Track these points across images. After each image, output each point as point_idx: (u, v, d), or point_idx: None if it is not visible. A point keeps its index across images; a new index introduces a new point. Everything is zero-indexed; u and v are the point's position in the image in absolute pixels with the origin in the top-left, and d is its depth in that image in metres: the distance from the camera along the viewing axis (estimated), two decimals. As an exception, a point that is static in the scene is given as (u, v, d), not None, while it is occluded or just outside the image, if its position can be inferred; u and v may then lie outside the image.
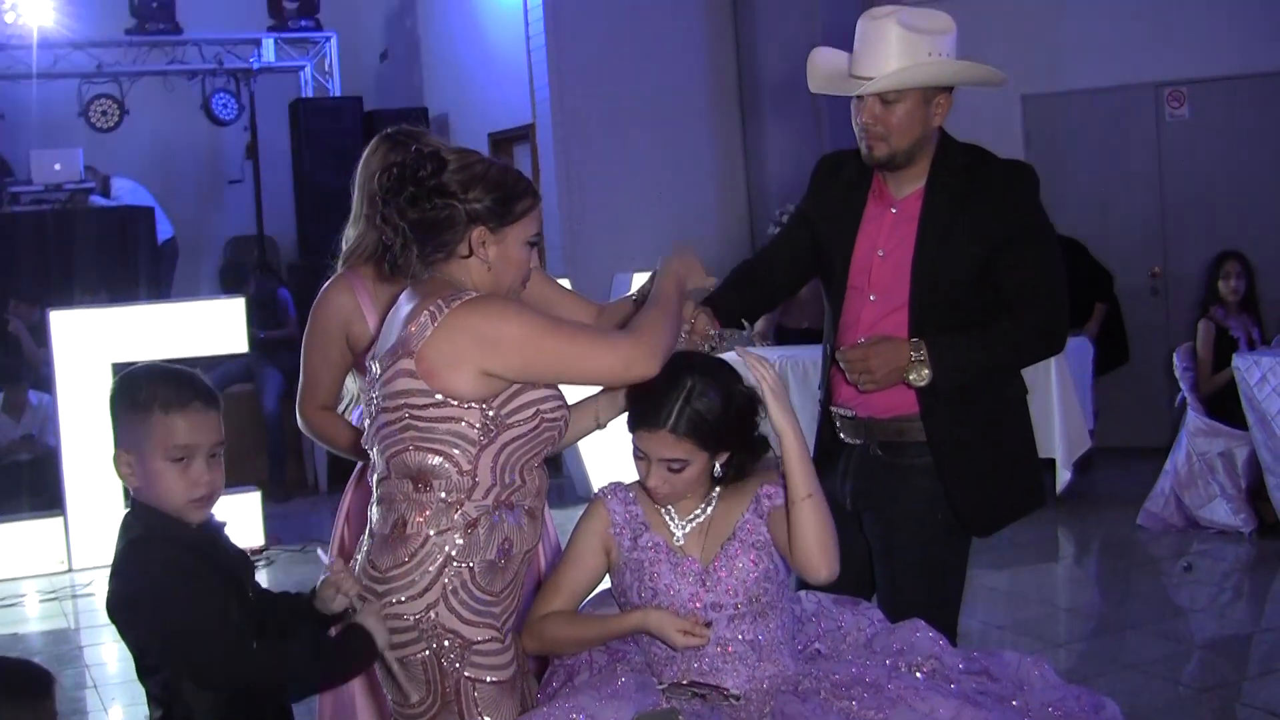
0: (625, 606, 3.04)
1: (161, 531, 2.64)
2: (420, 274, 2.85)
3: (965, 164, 3.53)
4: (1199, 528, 7.54)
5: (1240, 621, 6.39)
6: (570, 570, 3.07)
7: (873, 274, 3.54)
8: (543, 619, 3.03)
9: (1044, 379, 7.88)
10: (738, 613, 2.95)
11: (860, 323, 3.55)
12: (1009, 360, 3.53)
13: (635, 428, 2.95)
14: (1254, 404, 7.07)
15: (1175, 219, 9.66)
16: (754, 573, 2.96)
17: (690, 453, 2.92)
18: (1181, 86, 9.57)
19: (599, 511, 3.07)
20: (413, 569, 2.77)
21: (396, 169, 2.83)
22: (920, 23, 3.44)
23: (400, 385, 2.75)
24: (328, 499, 9.73)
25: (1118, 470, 8.93)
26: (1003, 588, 6.91)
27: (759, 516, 3.00)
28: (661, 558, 2.98)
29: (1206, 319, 7.88)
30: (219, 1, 13.09)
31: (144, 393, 2.65)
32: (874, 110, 3.43)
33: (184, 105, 12.98)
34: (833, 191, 3.71)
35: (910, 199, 3.54)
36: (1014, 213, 3.46)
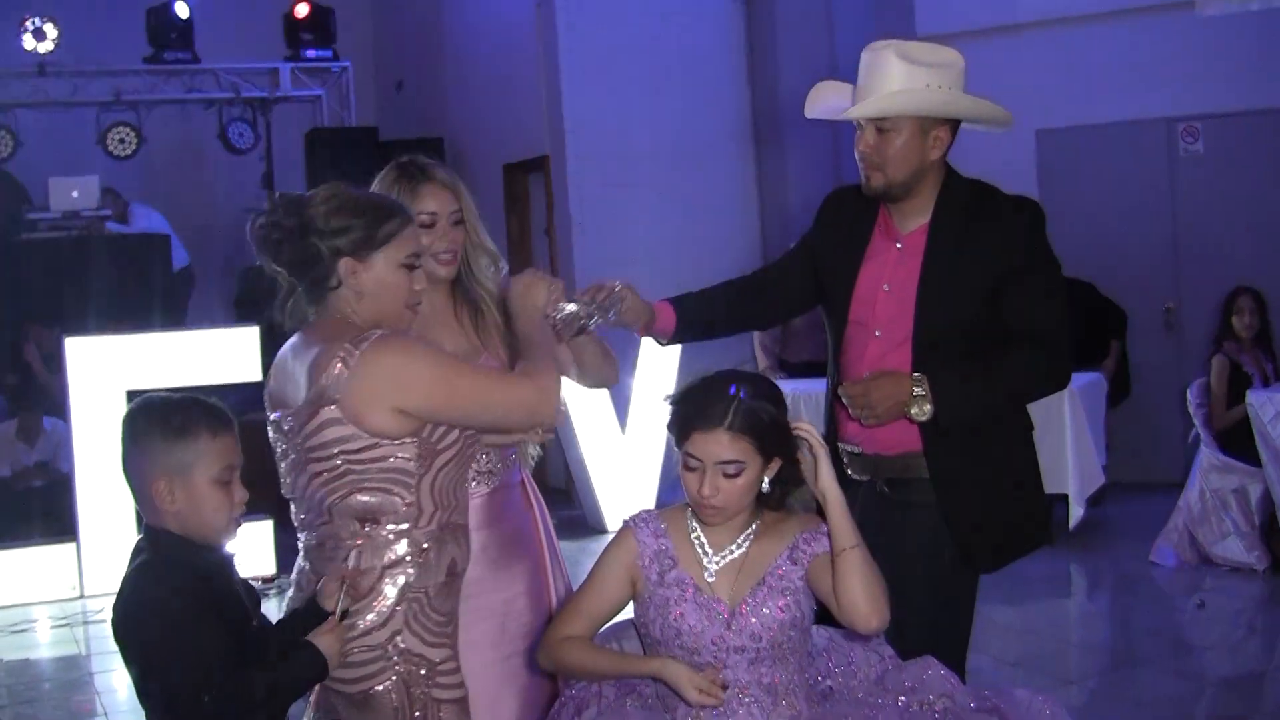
0: (646, 639, 3.04)
1: (177, 555, 2.72)
2: (308, 316, 2.91)
3: (970, 199, 3.53)
4: (1212, 564, 7.51)
5: (1253, 659, 6.37)
6: (593, 596, 3.07)
7: (877, 309, 3.53)
8: (561, 642, 3.03)
9: (1057, 415, 7.89)
10: (758, 656, 2.95)
11: (865, 359, 3.53)
12: (1012, 397, 3.51)
13: (688, 433, 2.93)
14: (1268, 440, 7.06)
15: (1189, 254, 9.66)
16: (781, 619, 2.95)
17: (746, 454, 2.91)
18: (1195, 122, 9.57)
19: (627, 541, 3.06)
20: (370, 600, 2.81)
21: (260, 218, 2.88)
22: (921, 55, 3.46)
23: (331, 434, 2.77)
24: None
25: (1131, 506, 8.90)
26: (1014, 623, 6.89)
27: (793, 563, 3.00)
28: (688, 596, 2.97)
29: (1221, 354, 7.85)
30: (236, 31, 13.16)
31: (182, 418, 2.73)
32: (870, 139, 3.44)
33: (201, 134, 13.05)
34: (838, 225, 3.71)
35: (915, 234, 3.53)
36: (1018, 248, 3.45)
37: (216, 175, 13.39)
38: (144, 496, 2.75)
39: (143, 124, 12.65)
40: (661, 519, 3.08)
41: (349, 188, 2.94)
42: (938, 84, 3.44)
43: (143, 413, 2.77)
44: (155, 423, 2.74)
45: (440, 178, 3.36)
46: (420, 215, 3.26)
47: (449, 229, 3.34)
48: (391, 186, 3.32)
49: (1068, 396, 7.91)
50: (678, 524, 3.07)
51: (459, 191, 3.39)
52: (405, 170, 3.36)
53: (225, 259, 13.25)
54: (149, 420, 2.75)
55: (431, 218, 3.30)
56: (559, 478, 10.27)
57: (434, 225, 3.31)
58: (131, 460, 2.77)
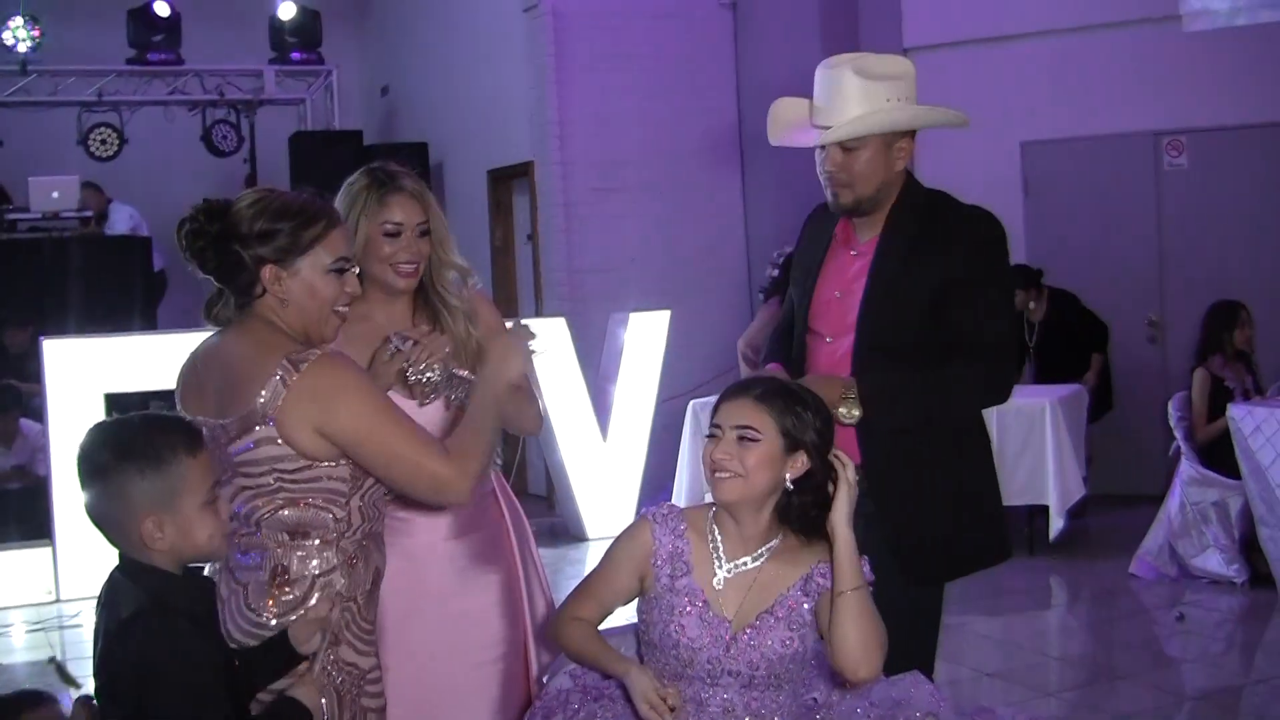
0: (643, 637, 3.04)
1: (175, 602, 2.56)
2: (234, 317, 2.89)
3: (926, 208, 3.55)
4: (1192, 577, 7.51)
5: (1232, 672, 6.37)
6: (605, 583, 3.09)
7: (830, 317, 3.57)
8: (570, 621, 3.07)
9: (1039, 427, 7.91)
10: (752, 682, 2.93)
11: (817, 365, 3.57)
12: (945, 406, 3.48)
13: (718, 406, 2.99)
14: (1248, 454, 7.06)
15: (1173, 267, 9.68)
16: (782, 651, 2.93)
17: (765, 426, 2.92)
18: (1180, 136, 9.60)
19: (643, 535, 3.04)
20: (299, 606, 2.78)
21: (185, 224, 2.84)
22: (877, 69, 3.48)
23: (265, 452, 2.73)
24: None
25: (1111, 518, 8.91)
26: (994, 635, 6.88)
27: (805, 594, 2.97)
28: (694, 609, 2.95)
29: (1203, 368, 7.85)
30: (221, 33, 13.12)
31: (154, 444, 2.57)
32: (836, 158, 3.47)
33: (184, 136, 12.99)
34: (807, 241, 3.79)
35: (871, 242, 3.56)
36: (967, 259, 3.44)
37: (199, 178, 13.29)
38: (127, 539, 2.58)
39: (125, 125, 12.60)
40: (684, 518, 3.06)
41: (277, 192, 2.89)
42: (897, 97, 3.46)
43: (108, 446, 2.57)
44: (126, 455, 2.55)
45: (409, 187, 3.33)
46: (385, 224, 3.26)
47: (414, 240, 3.30)
48: (360, 193, 3.30)
49: (1049, 408, 7.92)
50: (698, 526, 3.05)
51: (427, 203, 3.35)
52: (374, 177, 3.33)
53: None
54: (118, 453, 2.56)
55: (397, 227, 3.28)
56: (539, 485, 10.25)
57: (398, 235, 3.28)
58: (103, 502, 2.58)
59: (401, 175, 3.35)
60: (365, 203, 3.28)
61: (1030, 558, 8.02)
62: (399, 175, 3.35)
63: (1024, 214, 9.80)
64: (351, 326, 3.20)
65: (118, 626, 2.53)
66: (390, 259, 3.27)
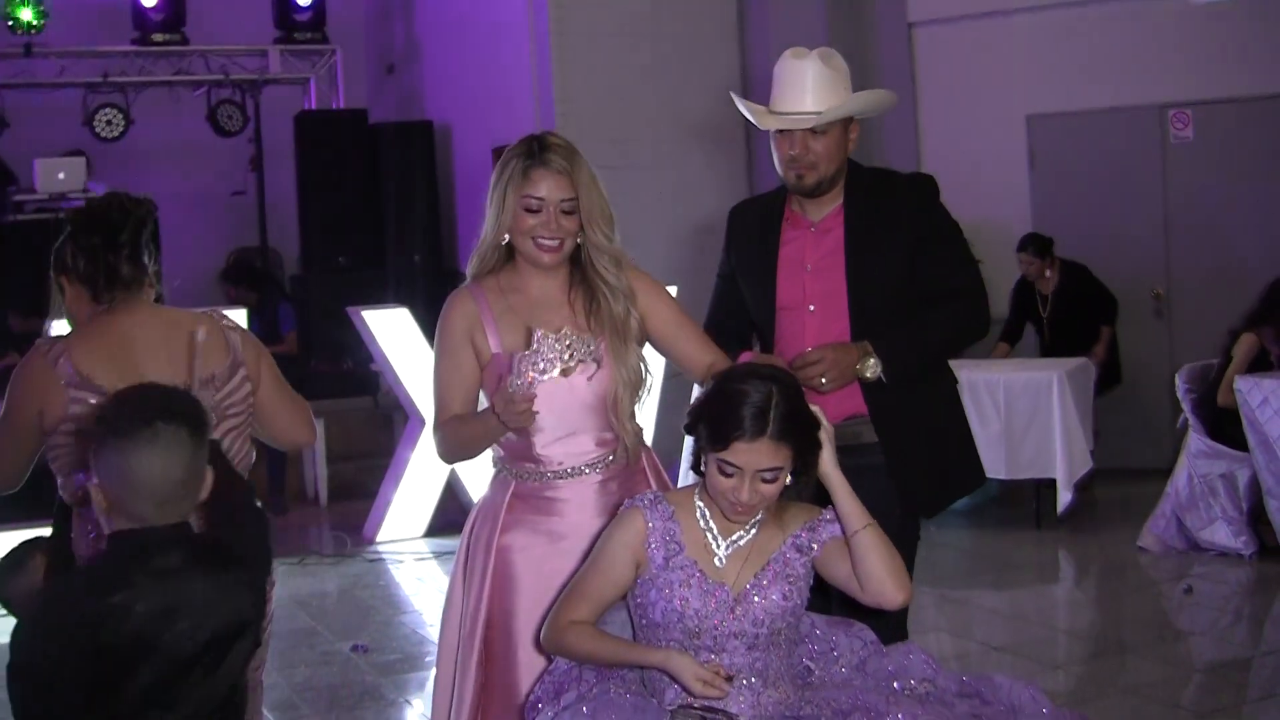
0: (641, 620, 3.04)
1: (79, 594, 2.59)
2: (122, 298, 3.27)
3: (874, 181, 3.92)
4: (1200, 550, 7.51)
5: (1240, 645, 6.38)
6: (598, 579, 3.06)
7: (806, 287, 3.83)
8: (568, 626, 3.03)
9: (1046, 401, 7.91)
10: (756, 641, 2.96)
11: (805, 335, 3.80)
12: (945, 344, 3.92)
13: (728, 443, 2.91)
14: (1256, 426, 7.06)
15: (1179, 240, 9.66)
16: (784, 606, 2.98)
17: (787, 459, 2.94)
18: (1186, 108, 9.57)
19: (635, 522, 3.05)
20: None
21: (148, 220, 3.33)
22: (834, 62, 3.80)
23: (245, 390, 3.32)
24: (326, 512, 9.74)
25: (1118, 492, 8.91)
26: (1002, 609, 6.90)
27: (798, 551, 3.04)
28: (693, 581, 2.98)
29: (1253, 333, 7.62)
30: (225, 13, 13.09)
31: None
32: (806, 142, 3.76)
33: (189, 116, 12.98)
34: (747, 232, 4.02)
35: (828, 218, 3.87)
36: (925, 218, 3.83)
37: (205, 158, 13.33)
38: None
39: (130, 106, 12.58)
40: (670, 501, 3.08)
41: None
42: (849, 85, 3.83)
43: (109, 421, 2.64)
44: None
45: (556, 164, 3.30)
46: (527, 198, 3.27)
47: (557, 216, 3.29)
48: (509, 162, 3.32)
49: (1056, 381, 7.93)
50: (686, 509, 3.07)
51: (578, 180, 3.32)
52: (527, 147, 3.33)
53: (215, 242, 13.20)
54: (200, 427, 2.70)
55: (539, 203, 3.28)
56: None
57: (539, 211, 3.28)
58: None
59: (553, 149, 3.32)
60: (512, 174, 3.29)
61: (1038, 531, 8.03)
62: (551, 149, 3.32)
63: (1030, 187, 9.78)
64: (505, 297, 3.36)
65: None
66: (531, 233, 3.29)
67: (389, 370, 8.81)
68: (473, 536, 3.46)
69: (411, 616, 7.24)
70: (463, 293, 3.42)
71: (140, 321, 3.25)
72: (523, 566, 3.35)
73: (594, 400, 3.32)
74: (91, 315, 3.25)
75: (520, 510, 3.37)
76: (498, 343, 3.32)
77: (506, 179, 3.30)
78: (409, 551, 8.46)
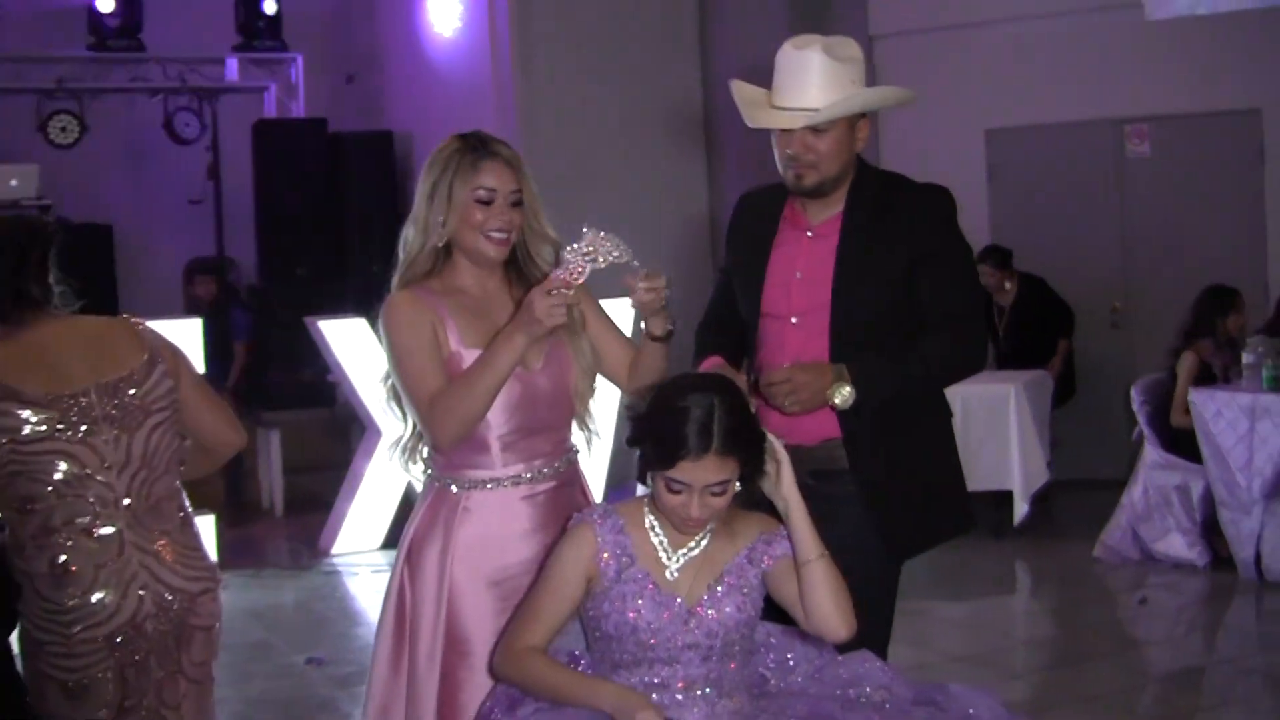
0: (594, 633, 3.00)
1: None
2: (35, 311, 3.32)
3: (882, 188, 3.59)
4: (1155, 561, 7.55)
5: (1195, 654, 6.42)
6: (551, 599, 3.00)
7: (792, 297, 3.56)
8: (523, 653, 2.97)
9: (1003, 413, 7.94)
10: (710, 653, 2.94)
11: (785, 348, 3.55)
12: (929, 379, 3.56)
13: (674, 461, 2.87)
14: (1210, 438, 7.11)
15: (1136, 254, 9.71)
16: (738, 617, 2.96)
17: (733, 470, 2.90)
18: (1143, 123, 9.63)
19: (586, 537, 3.00)
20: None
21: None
22: (842, 51, 3.48)
23: (165, 385, 3.33)
24: (283, 522, 9.68)
25: (1075, 503, 8.94)
26: (960, 619, 6.92)
27: (751, 563, 3.00)
28: (646, 593, 2.94)
29: (1191, 351, 7.74)
30: (183, 19, 13.00)
31: None
32: (806, 140, 3.47)
33: (145, 123, 12.89)
34: (746, 226, 3.77)
35: (827, 223, 3.57)
36: (930, 235, 3.52)
37: (161, 166, 13.24)
38: None
39: (85, 112, 12.48)
40: (619, 514, 3.03)
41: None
42: (858, 79, 3.50)
43: None
44: None
45: (503, 154, 3.25)
46: (478, 190, 3.20)
47: (506, 208, 3.23)
48: (453, 157, 3.24)
49: (1013, 394, 7.96)
50: (635, 521, 3.03)
51: (521, 172, 3.28)
52: (467, 142, 3.26)
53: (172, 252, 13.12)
54: None
55: (489, 194, 3.21)
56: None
57: (491, 202, 3.21)
58: None
59: (495, 141, 3.28)
60: (458, 167, 3.22)
61: (996, 542, 8.05)
62: (492, 141, 3.28)
63: (988, 201, 9.82)
64: (446, 299, 3.24)
65: None
66: (481, 226, 3.21)
67: (346, 381, 8.76)
68: (413, 560, 3.27)
69: (367, 629, 7.18)
70: (406, 293, 3.26)
71: (53, 331, 3.30)
72: (472, 596, 3.20)
73: (555, 394, 3.25)
74: (2, 332, 3.27)
75: (470, 527, 3.21)
76: (457, 339, 3.20)
77: (452, 174, 3.21)
78: (365, 563, 8.40)
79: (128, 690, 3.22)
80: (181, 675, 3.30)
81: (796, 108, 3.46)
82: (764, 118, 3.53)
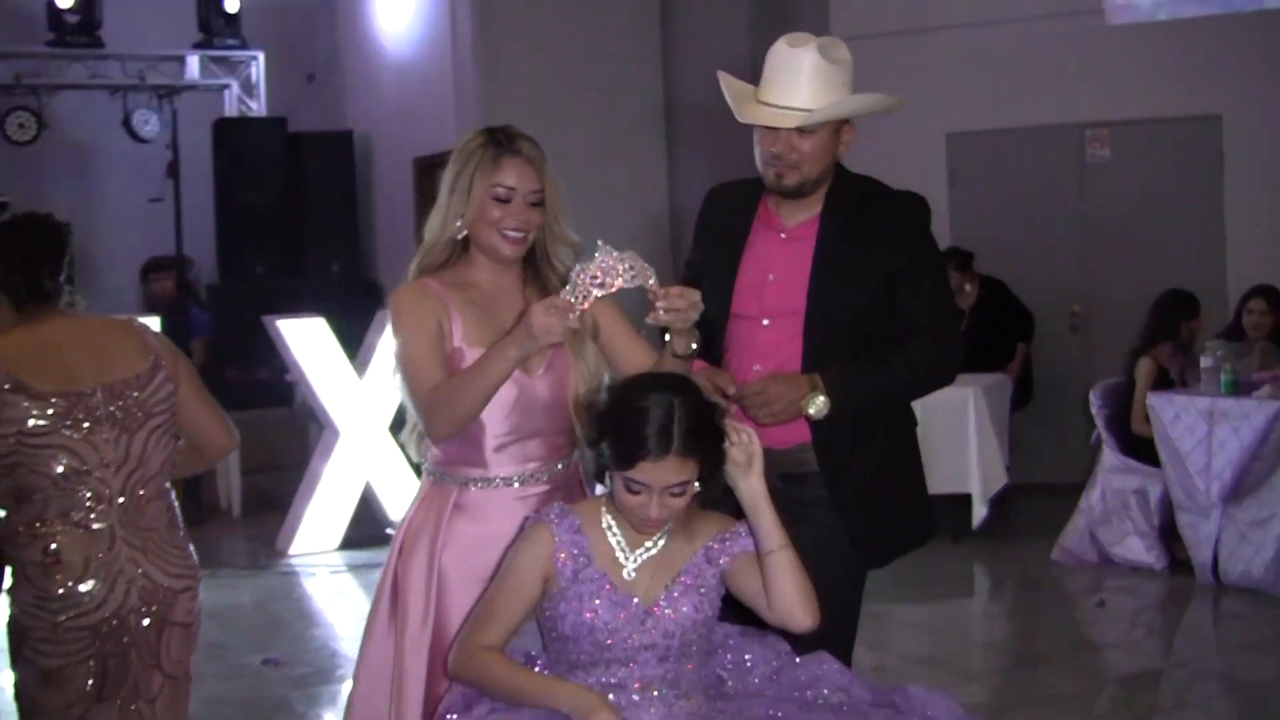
0: (551, 633, 2.99)
1: None
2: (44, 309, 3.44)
3: (860, 193, 3.56)
4: (1112, 564, 7.58)
5: (1152, 656, 6.45)
6: (508, 599, 2.98)
7: (765, 299, 3.51)
8: (480, 652, 2.94)
9: (962, 416, 7.94)
10: (667, 653, 2.92)
11: (755, 350, 3.51)
12: (904, 389, 3.56)
13: (633, 462, 2.85)
14: (1168, 442, 7.14)
15: (1096, 258, 9.75)
16: (695, 617, 2.94)
17: (693, 472, 2.88)
18: (1103, 128, 9.67)
19: (543, 537, 2.97)
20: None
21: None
22: (835, 53, 3.44)
23: (166, 390, 3.42)
24: (240, 522, 9.61)
25: (1033, 507, 8.96)
26: (919, 622, 6.93)
27: (709, 562, 2.99)
28: (603, 594, 2.93)
29: (1150, 357, 7.75)
30: (143, 17, 12.93)
31: None
32: (791, 139, 3.43)
33: (105, 121, 12.81)
34: (718, 220, 3.72)
35: (803, 225, 3.54)
36: (909, 243, 3.50)
37: (121, 164, 13.16)
38: None
39: (44, 109, 12.39)
40: (576, 514, 3.01)
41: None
42: (848, 82, 3.46)
43: None
44: None
45: (526, 152, 3.22)
46: (496, 187, 3.16)
47: (524, 207, 3.19)
48: (475, 152, 3.20)
49: (972, 397, 7.96)
50: (592, 520, 3.01)
51: (544, 172, 3.24)
52: (492, 137, 3.23)
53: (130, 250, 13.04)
54: None
55: (509, 192, 3.17)
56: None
57: (509, 200, 3.18)
58: None
59: (520, 139, 3.24)
60: (479, 162, 3.18)
61: (954, 545, 8.06)
62: (518, 139, 3.24)
63: (949, 205, 9.84)
64: (459, 293, 3.22)
65: None
66: (498, 223, 3.18)
67: (305, 381, 8.72)
68: (405, 549, 3.28)
69: (324, 629, 7.15)
70: (417, 283, 3.25)
71: (62, 329, 3.41)
72: (460, 593, 3.20)
73: (553, 401, 3.22)
74: (9, 325, 3.38)
75: (461, 523, 3.22)
76: (461, 335, 3.17)
77: (473, 168, 3.18)
78: (323, 564, 8.36)
79: (106, 681, 3.32)
80: (159, 670, 3.39)
81: (787, 106, 3.42)
82: (754, 113, 3.48)
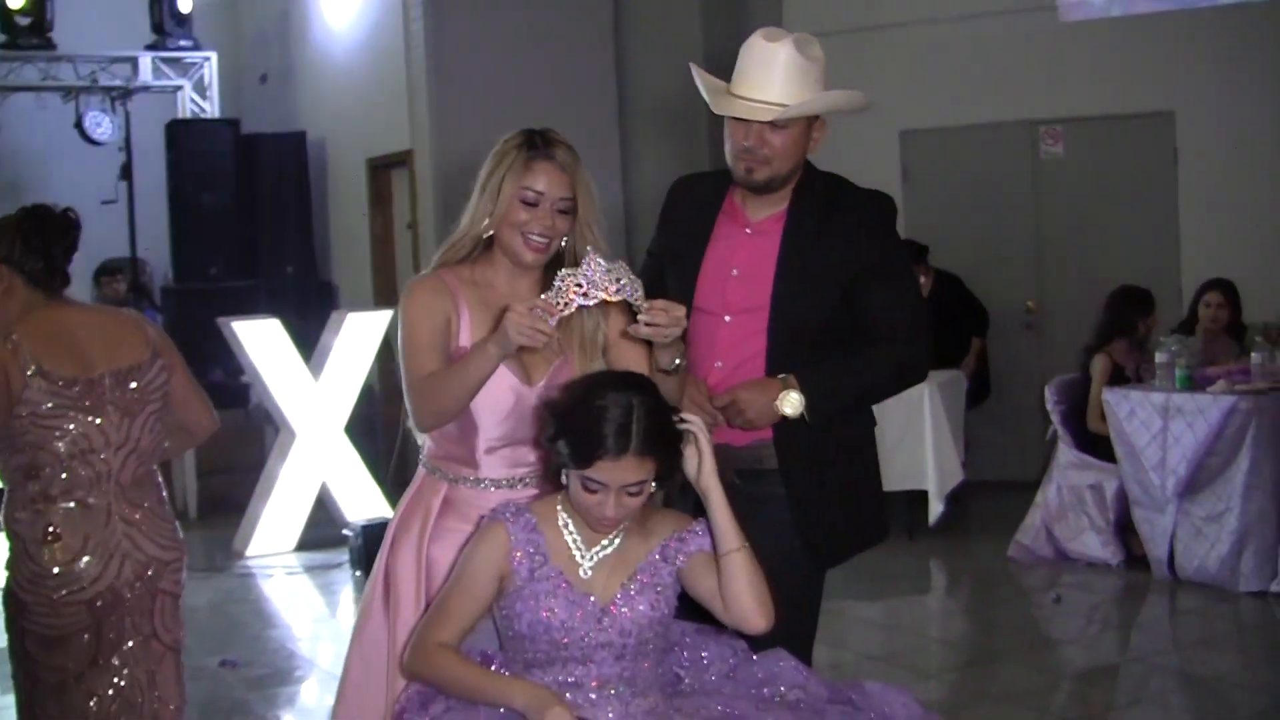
0: (507, 632, 2.97)
1: None
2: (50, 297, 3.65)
3: (826, 191, 3.53)
4: (1068, 560, 7.62)
5: (1108, 652, 6.47)
6: (463, 598, 2.97)
7: (727, 295, 3.49)
8: (436, 650, 2.93)
9: (917, 412, 7.95)
10: (624, 652, 2.92)
11: (716, 346, 3.48)
12: (874, 389, 3.54)
13: (591, 461, 2.84)
14: (1123, 437, 7.18)
15: (1050, 254, 9.80)
16: (652, 616, 2.94)
17: (651, 471, 2.87)
18: (1057, 125, 9.72)
19: (499, 536, 2.96)
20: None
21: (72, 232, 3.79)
22: (810, 50, 3.43)
23: (162, 378, 3.66)
24: (196, 524, 9.54)
25: (989, 503, 9.00)
26: (875, 618, 6.94)
27: (664, 560, 2.98)
28: (559, 592, 2.92)
29: (1105, 354, 7.76)
30: (95, 18, 12.82)
31: None
32: (764, 134, 3.39)
33: (56, 123, 12.69)
34: (683, 213, 3.68)
35: (768, 221, 3.51)
36: (875, 242, 3.47)
37: (73, 166, 13.03)
38: None
39: (-5, 111, 12.28)
40: (532, 512, 3.00)
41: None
42: (822, 79, 3.44)
43: None
44: None
45: (559, 159, 3.17)
46: (525, 191, 3.13)
47: (551, 213, 3.14)
48: (509, 152, 3.17)
49: (927, 394, 7.97)
50: (548, 518, 3.00)
51: (578, 180, 3.19)
52: (529, 139, 3.19)
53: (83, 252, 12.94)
54: None
55: (537, 196, 3.13)
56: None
57: (537, 205, 3.13)
58: None
59: (557, 144, 3.20)
60: (511, 164, 3.15)
61: (910, 542, 8.08)
62: (554, 144, 3.20)
63: (903, 202, 9.72)
64: (476, 290, 3.20)
65: None
66: (523, 227, 3.14)
67: (259, 382, 8.68)
68: (396, 540, 3.28)
69: (281, 631, 7.12)
70: (433, 277, 3.23)
71: (75, 317, 3.64)
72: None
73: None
74: (22, 311, 3.56)
75: (450, 519, 3.21)
76: (468, 335, 3.15)
77: (505, 169, 3.15)
78: (279, 565, 8.32)
79: (101, 647, 3.54)
80: (156, 639, 3.66)
81: (760, 100, 3.39)
82: (728, 105, 3.44)
